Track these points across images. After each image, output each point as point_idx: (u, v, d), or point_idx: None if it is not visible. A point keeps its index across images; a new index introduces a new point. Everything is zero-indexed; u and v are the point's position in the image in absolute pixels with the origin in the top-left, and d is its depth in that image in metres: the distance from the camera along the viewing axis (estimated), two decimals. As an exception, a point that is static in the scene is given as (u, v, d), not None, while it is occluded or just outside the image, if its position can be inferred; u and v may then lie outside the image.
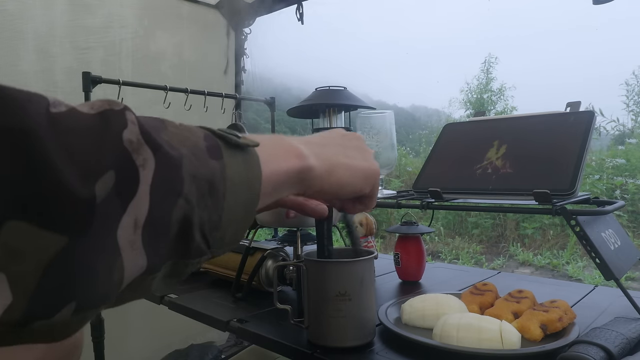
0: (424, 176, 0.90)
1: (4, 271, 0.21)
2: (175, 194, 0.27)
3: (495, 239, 4.34)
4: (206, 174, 0.30)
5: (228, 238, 0.33)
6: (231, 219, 0.33)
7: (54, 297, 0.23)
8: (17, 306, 0.22)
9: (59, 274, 0.22)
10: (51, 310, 0.23)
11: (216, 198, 0.31)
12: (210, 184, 0.30)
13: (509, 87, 7.53)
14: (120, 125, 0.26)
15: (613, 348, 0.52)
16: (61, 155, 0.22)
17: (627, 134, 5.07)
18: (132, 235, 0.25)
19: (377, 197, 0.51)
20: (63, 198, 0.22)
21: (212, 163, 0.31)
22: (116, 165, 0.25)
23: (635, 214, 3.71)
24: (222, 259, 0.96)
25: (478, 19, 43.38)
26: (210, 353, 1.58)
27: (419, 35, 56.18)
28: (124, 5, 1.52)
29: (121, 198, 0.25)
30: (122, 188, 0.25)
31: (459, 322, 0.60)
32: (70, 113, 0.24)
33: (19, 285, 0.21)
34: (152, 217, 0.26)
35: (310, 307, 0.63)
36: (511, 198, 0.76)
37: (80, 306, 0.24)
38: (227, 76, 1.84)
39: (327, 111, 1.04)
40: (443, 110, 10.65)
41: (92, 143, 0.24)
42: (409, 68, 43.48)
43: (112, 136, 0.25)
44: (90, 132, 0.24)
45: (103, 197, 0.24)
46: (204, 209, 0.30)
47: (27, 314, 0.22)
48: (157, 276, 0.29)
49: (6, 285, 0.21)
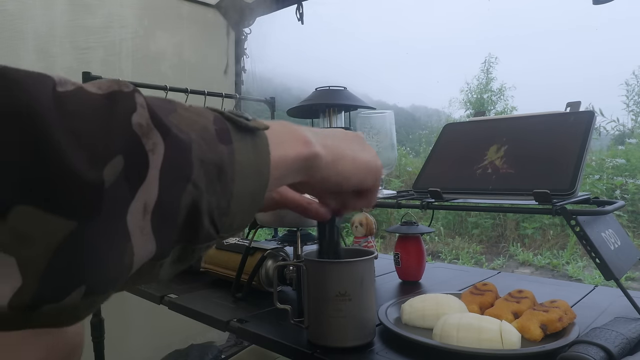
0: (424, 176, 0.90)
1: (14, 255, 0.21)
2: (185, 179, 0.27)
3: (495, 239, 4.34)
4: (215, 158, 0.30)
5: (237, 223, 0.33)
6: (240, 205, 0.33)
7: (64, 280, 0.23)
8: (27, 289, 0.22)
9: (69, 257, 0.23)
10: (61, 293, 0.23)
11: (225, 183, 0.31)
12: (219, 168, 0.30)
13: (509, 87, 7.54)
14: (129, 109, 0.25)
15: (613, 348, 0.52)
16: (68, 140, 0.22)
17: (627, 134, 5.07)
18: (141, 220, 0.25)
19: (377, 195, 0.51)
20: (70, 183, 0.22)
21: (221, 147, 0.30)
22: (125, 150, 0.24)
23: (635, 214, 3.71)
24: (222, 259, 0.96)
25: (478, 19, 43.38)
26: (210, 353, 1.58)
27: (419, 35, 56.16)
28: (124, 5, 1.52)
29: (130, 183, 0.24)
30: (131, 173, 0.24)
31: (459, 322, 0.60)
32: (78, 92, 0.24)
33: (28, 268, 0.22)
34: (161, 202, 0.26)
35: (310, 307, 0.63)
36: (511, 198, 0.76)
37: (90, 290, 0.24)
38: (227, 76, 1.84)
39: (327, 111, 1.04)
40: (443, 110, 10.66)
41: (100, 127, 0.24)
42: (409, 68, 43.48)
43: (120, 120, 0.25)
44: (98, 115, 0.24)
45: (112, 182, 0.23)
46: (213, 194, 0.30)
47: (36, 297, 0.22)
48: (166, 262, 0.29)
49: (16, 269, 0.22)
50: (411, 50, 51.73)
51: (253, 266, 0.86)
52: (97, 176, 0.23)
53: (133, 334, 1.53)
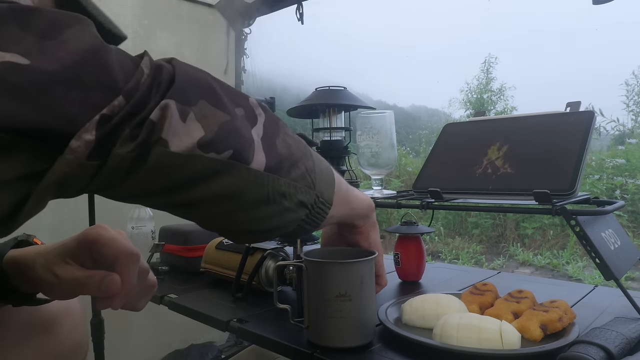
0: (424, 176, 0.90)
1: (197, 116, 0.37)
2: (275, 133, 0.45)
3: (495, 239, 4.34)
4: (295, 135, 0.49)
5: (322, 190, 0.50)
6: (320, 176, 0.49)
7: (225, 143, 0.39)
8: (207, 137, 0.38)
9: (227, 130, 0.39)
10: (222, 149, 0.39)
11: (306, 151, 0.49)
12: (300, 142, 0.49)
13: (508, 87, 7.53)
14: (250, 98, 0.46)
15: (613, 348, 0.52)
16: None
17: (627, 134, 5.07)
18: (257, 138, 0.42)
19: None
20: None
21: (302, 141, 0.50)
22: (245, 108, 0.43)
23: (635, 214, 3.71)
24: (222, 259, 0.96)
25: (478, 19, 43.34)
26: (210, 353, 1.58)
27: (419, 35, 56.14)
28: (124, 5, 1.52)
29: (250, 123, 0.43)
30: (249, 118, 0.43)
31: (459, 322, 0.59)
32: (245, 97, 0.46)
33: (209, 123, 0.38)
34: (265, 137, 0.43)
35: (310, 307, 0.62)
36: (511, 198, 0.76)
37: (234, 156, 0.39)
38: (227, 76, 1.84)
39: (327, 111, 1.04)
40: (443, 110, 10.65)
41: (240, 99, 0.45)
42: (409, 68, 43.47)
43: (245, 100, 0.45)
44: (244, 102, 0.45)
45: (238, 116, 0.41)
46: (299, 151, 0.47)
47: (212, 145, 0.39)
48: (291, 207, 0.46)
49: (198, 125, 0.37)
50: (411, 50, 51.72)
51: (253, 266, 0.86)
52: (232, 112, 0.41)
53: (133, 334, 1.53)
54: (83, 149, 0.31)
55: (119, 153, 0.33)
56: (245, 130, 0.41)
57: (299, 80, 15.41)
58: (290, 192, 0.45)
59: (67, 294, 0.50)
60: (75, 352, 0.64)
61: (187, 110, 0.36)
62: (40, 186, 0.31)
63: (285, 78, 14.95)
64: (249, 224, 0.45)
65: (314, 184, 0.48)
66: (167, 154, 0.35)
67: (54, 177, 0.31)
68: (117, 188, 0.36)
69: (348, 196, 0.57)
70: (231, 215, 0.43)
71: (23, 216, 0.32)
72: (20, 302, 0.54)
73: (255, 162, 0.41)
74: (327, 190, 0.50)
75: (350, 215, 0.60)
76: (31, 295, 0.54)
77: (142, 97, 0.34)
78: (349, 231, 0.64)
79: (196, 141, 0.36)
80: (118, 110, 0.32)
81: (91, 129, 0.31)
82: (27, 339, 0.58)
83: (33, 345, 0.59)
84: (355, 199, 0.59)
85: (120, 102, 0.32)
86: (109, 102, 0.32)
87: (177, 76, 0.37)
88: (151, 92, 0.35)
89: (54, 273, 0.47)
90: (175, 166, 0.36)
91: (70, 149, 0.31)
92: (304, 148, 0.48)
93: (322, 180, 0.49)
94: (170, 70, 0.37)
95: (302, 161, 0.47)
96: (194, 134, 0.36)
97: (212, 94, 0.39)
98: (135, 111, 0.33)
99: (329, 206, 0.51)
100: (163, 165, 0.35)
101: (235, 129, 0.40)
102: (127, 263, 0.47)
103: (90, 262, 0.49)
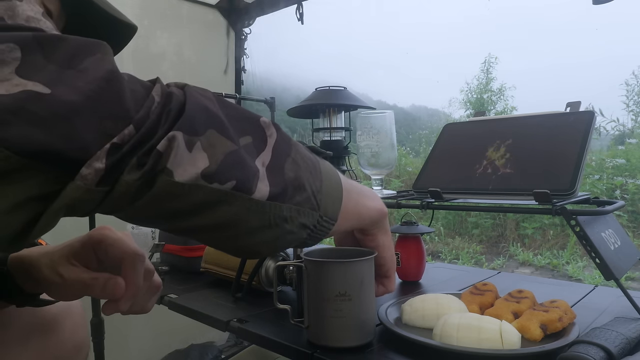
0: (424, 176, 0.90)
1: (204, 146, 0.37)
2: (286, 154, 0.44)
3: (495, 239, 4.34)
4: (306, 152, 0.47)
5: (329, 208, 0.48)
6: (328, 193, 0.48)
7: (228, 174, 0.38)
8: (211, 167, 0.37)
9: (232, 160, 0.39)
10: (225, 180, 0.38)
11: (316, 170, 0.47)
12: (310, 159, 0.47)
13: (509, 87, 7.52)
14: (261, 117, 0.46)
15: (613, 348, 0.52)
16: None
17: (627, 134, 5.07)
18: (262, 168, 0.42)
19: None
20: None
21: (313, 157, 0.49)
22: (253, 134, 0.43)
23: (635, 214, 3.71)
24: (222, 259, 0.96)
25: (478, 19, 43.36)
26: (210, 353, 1.58)
27: (419, 35, 56.17)
28: (124, 5, 1.51)
29: (256, 149, 0.42)
30: (257, 145, 0.42)
31: (459, 322, 0.59)
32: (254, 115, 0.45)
33: (215, 153, 0.38)
34: (273, 161, 0.43)
35: (310, 307, 0.62)
36: (511, 198, 0.76)
37: (237, 187, 0.39)
38: (227, 76, 1.84)
39: (327, 111, 1.04)
40: (443, 110, 10.63)
41: (248, 121, 0.44)
42: (408, 68, 43.49)
43: (255, 120, 0.44)
44: (250, 120, 0.44)
45: (242, 145, 0.41)
46: (307, 172, 0.46)
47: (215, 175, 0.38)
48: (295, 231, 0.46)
49: (204, 154, 0.37)
50: (411, 50, 51.74)
51: (253, 266, 0.86)
52: (236, 142, 0.40)
53: (133, 334, 1.53)
54: (93, 177, 0.32)
55: (126, 180, 0.33)
56: (250, 159, 0.41)
57: (299, 80, 15.42)
58: (292, 215, 0.44)
59: (72, 295, 0.50)
60: (76, 353, 0.64)
61: (194, 141, 0.36)
62: (51, 208, 0.32)
63: (285, 78, 14.95)
64: (252, 246, 0.45)
65: (318, 205, 0.47)
66: (171, 183, 0.35)
67: (64, 201, 0.32)
68: (123, 212, 0.37)
69: (357, 207, 0.55)
70: (233, 239, 0.44)
71: (34, 235, 0.33)
72: (24, 302, 0.54)
73: (258, 192, 0.40)
74: (333, 207, 0.49)
75: (357, 225, 0.59)
76: (35, 295, 0.54)
77: (151, 126, 0.34)
78: (359, 232, 0.64)
79: (200, 172, 0.36)
80: (128, 139, 0.33)
81: (102, 157, 0.32)
82: (29, 339, 0.59)
83: (34, 346, 0.59)
84: (366, 209, 0.57)
85: (130, 131, 0.33)
86: (120, 131, 0.32)
87: (188, 105, 0.37)
88: (160, 121, 0.35)
89: (59, 273, 0.48)
90: (178, 195, 0.36)
91: (80, 175, 0.31)
92: (312, 167, 0.47)
93: (328, 199, 0.48)
94: (181, 99, 0.37)
95: (309, 183, 0.46)
96: (198, 163, 0.36)
97: (221, 123, 0.39)
98: (144, 140, 0.34)
99: (333, 223, 0.50)
100: (167, 193, 0.36)
101: (240, 159, 0.40)
102: (132, 264, 0.48)
103: (95, 263, 0.50)
